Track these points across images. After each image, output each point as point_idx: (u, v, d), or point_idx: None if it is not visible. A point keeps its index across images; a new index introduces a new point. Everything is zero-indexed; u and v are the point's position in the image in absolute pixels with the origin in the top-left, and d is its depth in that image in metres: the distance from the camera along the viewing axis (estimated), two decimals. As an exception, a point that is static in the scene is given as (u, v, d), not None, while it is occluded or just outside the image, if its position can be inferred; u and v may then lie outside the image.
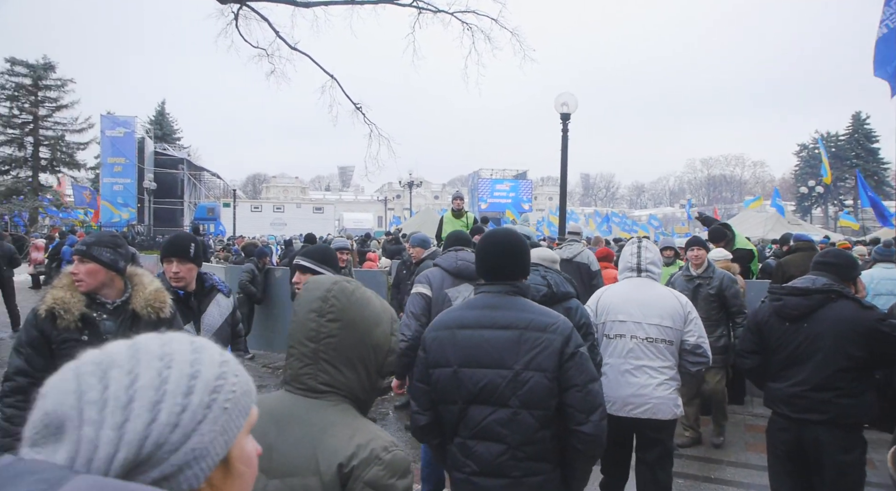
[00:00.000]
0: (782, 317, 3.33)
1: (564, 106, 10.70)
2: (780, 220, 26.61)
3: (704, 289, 5.49)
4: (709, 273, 5.56)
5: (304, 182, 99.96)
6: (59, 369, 0.74)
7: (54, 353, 2.58)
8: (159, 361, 0.73)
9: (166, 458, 0.69)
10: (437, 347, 2.34)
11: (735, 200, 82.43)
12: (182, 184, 44.11)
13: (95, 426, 0.67)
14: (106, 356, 0.73)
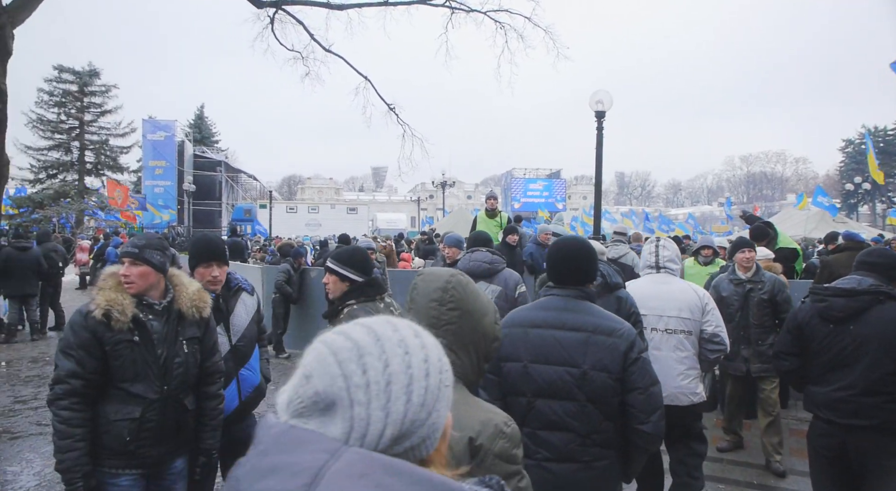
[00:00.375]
0: (826, 319, 3.20)
1: (599, 103, 10.56)
2: (825, 218, 25.76)
3: (756, 294, 5.12)
4: (759, 277, 5.19)
5: (339, 183, 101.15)
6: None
7: (108, 354, 2.61)
8: (399, 348, 0.84)
9: (416, 432, 0.81)
10: (509, 343, 2.47)
11: (776, 198, 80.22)
12: (220, 186, 45.09)
13: (365, 407, 0.78)
14: (354, 342, 0.84)
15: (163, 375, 2.73)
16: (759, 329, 5.12)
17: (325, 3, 14.41)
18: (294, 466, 0.71)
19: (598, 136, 10.74)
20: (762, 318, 5.11)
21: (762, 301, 5.10)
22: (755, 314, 5.10)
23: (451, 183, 45.13)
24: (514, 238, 7.77)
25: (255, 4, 14.06)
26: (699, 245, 7.32)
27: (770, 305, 5.11)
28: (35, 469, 5.08)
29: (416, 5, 14.78)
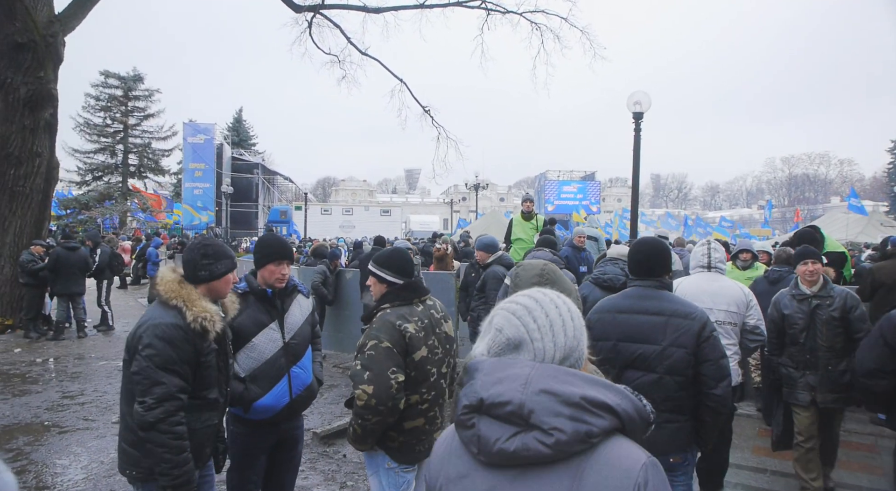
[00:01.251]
0: None
1: (637, 105, 10.41)
2: (871, 222, 24.88)
3: (825, 311, 4.44)
4: (827, 292, 4.49)
5: (372, 185, 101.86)
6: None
7: (199, 365, 2.69)
8: (552, 304, 1.35)
9: (572, 354, 1.32)
10: (600, 326, 3.09)
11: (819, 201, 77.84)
12: (256, 188, 45.91)
13: (541, 342, 1.30)
14: (523, 306, 1.35)
15: (226, 380, 2.90)
16: (829, 352, 4.44)
17: (362, 6, 14.57)
18: (511, 376, 1.24)
19: (636, 138, 10.58)
20: (833, 339, 4.42)
21: (832, 320, 4.41)
22: (824, 335, 4.43)
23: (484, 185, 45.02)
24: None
25: (293, 9, 14.30)
26: (738, 249, 7.13)
27: (842, 324, 4.41)
28: (82, 463, 5.24)
29: (452, 7, 14.83)
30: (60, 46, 11.54)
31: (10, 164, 11.14)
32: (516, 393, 1.21)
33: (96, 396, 7.34)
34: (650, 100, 10.60)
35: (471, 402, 1.27)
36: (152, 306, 2.77)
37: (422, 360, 2.89)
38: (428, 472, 1.43)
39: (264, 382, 3.17)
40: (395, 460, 2.97)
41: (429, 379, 2.94)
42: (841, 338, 4.41)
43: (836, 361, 4.42)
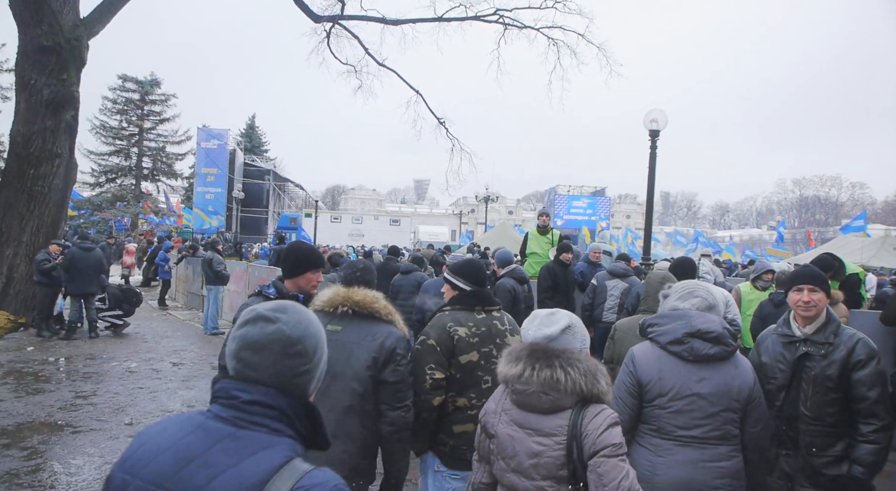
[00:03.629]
0: None
1: (654, 123, 10.40)
2: (885, 245, 24.69)
3: (816, 364, 3.06)
4: (826, 336, 3.07)
5: (381, 194, 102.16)
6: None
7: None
8: (707, 291, 2.86)
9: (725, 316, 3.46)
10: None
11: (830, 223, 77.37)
12: (267, 194, 46.06)
13: (718, 308, 2.84)
14: (705, 289, 2.90)
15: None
16: (815, 426, 3.07)
17: (380, 18, 14.70)
18: (712, 320, 2.73)
19: (651, 155, 10.56)
20: (821, 407, 3.05)
21: (824, 378, 3.03)
22: (810, 400, 3.08)
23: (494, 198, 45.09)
24: (569, 256, 7.69)
25: (312, 19, 14.45)
26: (759, 270, 7.09)
27: (839, 386, 3.01)
28: (96, 463, 5.24)
29: (469, 21, 14.93)
30: (84, 50, 11.70)
31: (30, 163, 11.25)
32: (717, 327, 2.68)
33: (109, 396, 7.35)
34: (667, 118, 10.59)
35: (689, 331, 2.69)
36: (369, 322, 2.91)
37: (469, 364, 3.00)
38: (640, 369, 2.75)
39: None
40: (444, 464, 3.06)
41: (479, 385, 3.05)
42: (835, 407, 3.03)
43: (825, 441, 3.05)
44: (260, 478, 1.19)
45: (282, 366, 1.36)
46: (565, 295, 7.60)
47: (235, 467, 1.21)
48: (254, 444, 1.26)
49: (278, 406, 1.32)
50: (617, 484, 1.96)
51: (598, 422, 2.04)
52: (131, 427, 6.25)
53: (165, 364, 9.33)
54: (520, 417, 2.16)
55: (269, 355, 1.35)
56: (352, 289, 2.97)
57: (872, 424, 2.93)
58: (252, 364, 1.35)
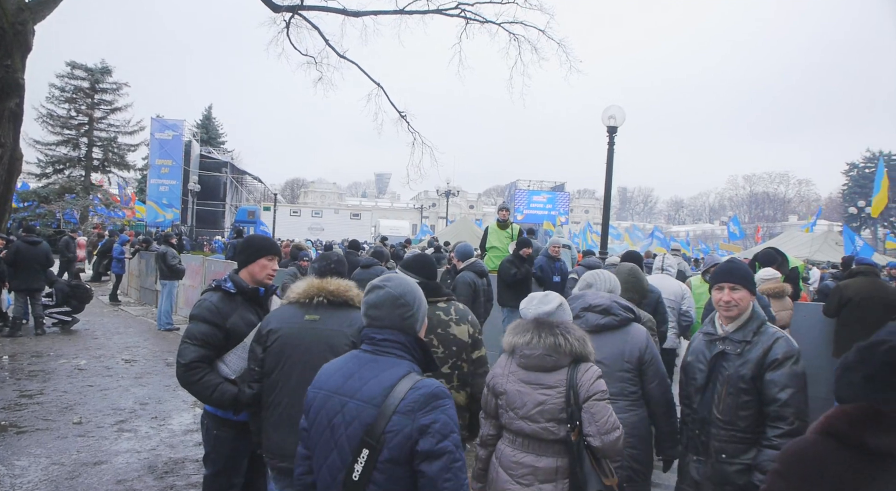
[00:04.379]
0: None
1: (612, 119, 10.61)
2: (827, 241, 25.78)
3: (731, 364, 2.92)
4: (745, 335, 2.93)
5: (341, 188, 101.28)
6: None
7: None
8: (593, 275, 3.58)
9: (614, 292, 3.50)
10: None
11: (778, 219, 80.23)
12: (224, 187, 45.11)
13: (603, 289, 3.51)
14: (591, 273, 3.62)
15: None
16: (727, 431, 2.90)
17: (341, 9, 14.52)
18: (600, 296, 3.37)
19: (609, 151, 10.76)
20: (733, 410, 2.89)
21: (737, 379, 2.88)
22: (722, 402, 2.92)
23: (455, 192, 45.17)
24: (528, 251, 7.78)
25: (271, 8, 14.16)
26: (709, 264, 7.32)
27: (753, 389, 2.84)
28: (42, 464, 5.07)
29: (431, 14, 14.89)
30: (30, 35, 11.18)
31: (-30, 153, 10.71)
32: (606, 301, 3.28)
33: (56, 395, 7.11)
34: (624, 115, 10.81)
35: (583, 306, 3.30)
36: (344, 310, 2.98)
37: None
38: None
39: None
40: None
41: None
42: (748, 411, 2.85)
43: (736, 447, 2.87)
44: (392, 382, 1.95)
45: (394, 315, 2.09)
46: (525, 289, 7.69)
47: (377, 377, 1.99)
48: (386, 364, 2.02)
49: (399, 341, 2.07)
50: (605, 419, 2.59)
51: (589, 375, 2.65)
52: (80, 426, 6.06)
53: (117, 361, 9.07)
54: (526, 376, 2.73)
55: (385, 309, 2.09)
56: (325, 279, 3.03)
57: (779, 427, 2.72)
58: (376, 317, 2.09)
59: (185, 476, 4.99)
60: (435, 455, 1.85)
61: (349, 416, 1.95)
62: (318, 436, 2.02)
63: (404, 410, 1.88)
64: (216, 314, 3.13)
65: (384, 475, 1.87)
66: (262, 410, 2.98)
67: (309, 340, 2.88)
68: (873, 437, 1.49)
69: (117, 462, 5.21)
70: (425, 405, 1.89)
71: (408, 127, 15.88)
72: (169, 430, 6.14)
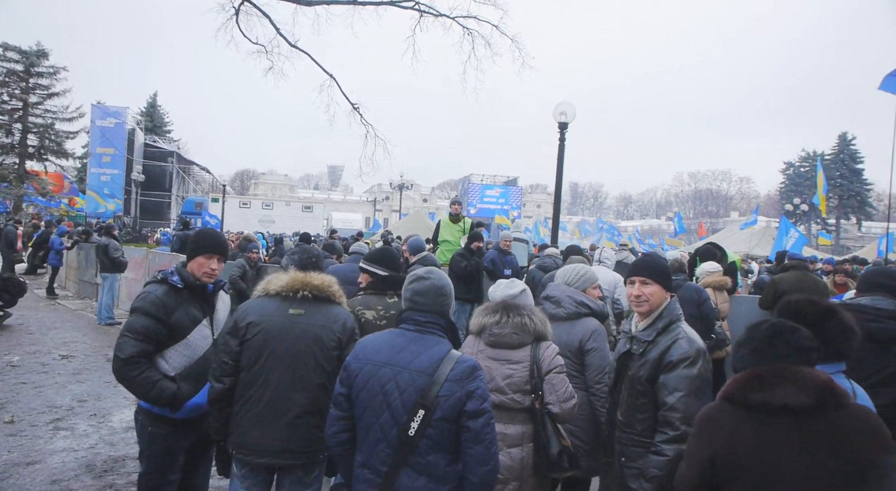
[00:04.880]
0: (874, 339, 3.24)
1: (563, 115, 10.77)
2: (765, 236, 26.90)
3: (634, 364, 2.85)
4: (649, 334, 2.82)
5: (293, 180, 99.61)
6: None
7: None
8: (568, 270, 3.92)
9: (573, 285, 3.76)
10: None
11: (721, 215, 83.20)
12: (171, 177, 43.73)
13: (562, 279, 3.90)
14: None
15: None
16: (626, 432, 2.85)
17: (293, -3, 14.25)
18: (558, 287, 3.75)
19: (560, 147, 10.94)
20: (632, 412, 2.83)
21: (636, 380, 2.81)
22: (624, 402, 2.89)
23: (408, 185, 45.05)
24: (479, 244, 7.85)
25: (219, -6, 13.78)
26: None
27: (649, 388, 2.75)
28: (-29, 465, 4.83)
29: (385, 6, 14.78)
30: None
31: None
32: (559, 293, 3.64)
33: (-13, 393, 6.77)
34: (575, 111, 10.99)
35: (543, 296, 3.74)
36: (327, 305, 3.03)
37: None
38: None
39: (196, 381, 3.10)
40: None
41: None
42: (645, 414, 2.77)
43: (634, 451, 2.78)
44: (440, 356, 2.37)
45: (436, 302, 2.53)
46: (475, 282, 7.76)
47: (427, 351, 2.39)
48: (432, 341, 2.44)
49: (439, 323, 2.50)
50: (564, 389, 3.00)
51: (549, 351, 3.06)
52: (12, 425, 5.80)
53: (53, 357, 8.70)
54: (493, 353, 3.10)
55: (429, 297, 2.52)
56: (309, 273, 3.04)
57: (665, 433, 2.62)
58: (421, 302, 2.51)
59: (125, 474, 4.85)
60: (479, 413, 2.31)
61: (403, 383, 2.33)
62: (368, 400, 2.37)
63: (454, 378, 2.31)
64: (160, 308, 3.04)
65: (436, 430, 2.28)
66: (236, 404, 2.91)
67: (294, 335, 2.88)
68: (754, 395, 1.89)
69: (52, 461, 5.02)
70: (470, 375, 2.34)
71: (360, 119, 15.75)
72: (109, 427, 5.94)
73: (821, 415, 1.83)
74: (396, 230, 23.73)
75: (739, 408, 1.93)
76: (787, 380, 1.87)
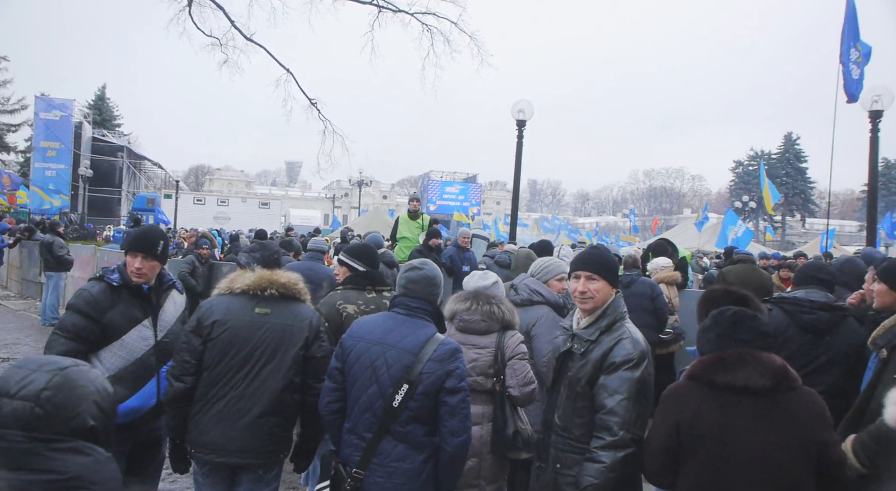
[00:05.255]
0: (807, 330, 3.42)
1: (521, 113, 10.89)
2: (716, 233, 27.74)
3: (574, 364, 2.67)
4: (593, 333, 2.63)
5: (250, 176, 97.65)
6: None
7: None
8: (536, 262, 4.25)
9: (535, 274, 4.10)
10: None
11: (674, 212, 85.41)
12: (121, 172, 42.39)
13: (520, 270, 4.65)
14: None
15: None
16: (563, 437, 2.66)
17: (247, -11, 13.94)
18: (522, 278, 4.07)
19: (518, 144, 11.07)
20: (570, 415, 2.64)
21: (575, 382, 2.63)
22: (562, 405, 2.69)
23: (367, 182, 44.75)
24: (438, 241, 7.87)
25: (171, -16, 13.37)
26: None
27: (588, 390, 2.57)
28: None
29: (343, 1, 14.61)
30: None
31: None
32: (518, 282, 3.99)
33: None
34: (533, 109, 11.12)
35: (511, 285, 4.00)
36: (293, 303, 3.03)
37: None
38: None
39: (131, 383, 2.99)
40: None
41: None
42: (583, 418, 2.59)
43: (570, 457, 2.59)
44: (426, 338, 2.64)
45: (426, 290, 2.77)
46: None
47: (414, 333, 2.65)
48: (419, 324, 2.70)
49: (427, 309, 2.75)
50: (524, 375, 3.21)
51: (514, 340, 3.28)
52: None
53: (-6, 360, 8.33)
54: (462, 337, 3.25)
55: (421, 285, 2.76)
56: (275, 272, 3.01)
57: (602, 438, 2.44)
58: (413, 290, 2.76)
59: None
60: (457, 391, 2.58)
61: (391, 360, 2.60)
62: (359, 373, 2.66)
63: (437, 358, 2.58)
64: (93, 306, 2.94)
65: (417, 403, 2.55)
66: (196, 403, 2.84)
67: (262, 334, 2.86)
68: (719, 375, 2.15)
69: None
70: (451, 356, 2.61)
71: (318, 115, 15.48)
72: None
73: (775, 396, 2.11)
74: (356, 227, 23.51)
75: (704, 387, 2.19)
76: (748, 363, 2.13)
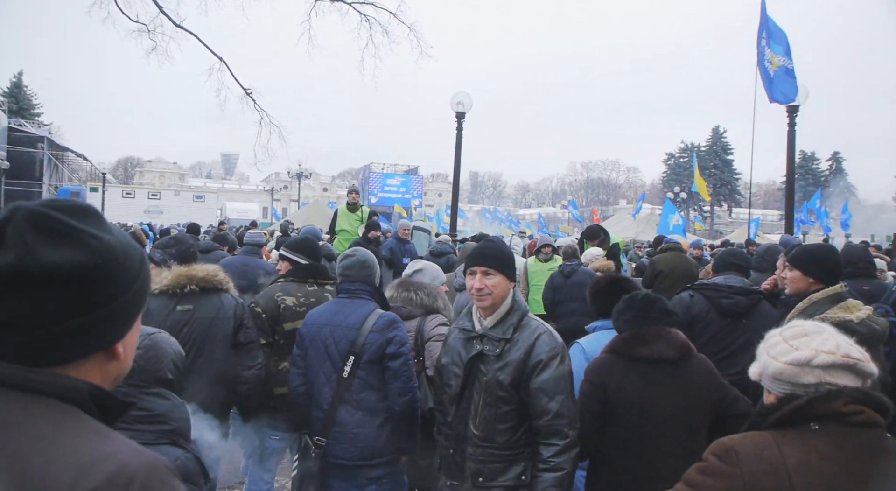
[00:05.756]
0: (726, 314, 3.67)
1: (460, 105, 10.98)
2: (650, 222, 28.87)
3: (490, 368, 2.42)
4: (505, 331, 2.44)
5: (183, 168, 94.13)
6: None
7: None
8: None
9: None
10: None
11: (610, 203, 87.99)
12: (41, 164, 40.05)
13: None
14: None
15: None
16: (484, 447, 2.40)
17: (175, -26, 13.41)
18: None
19: (458, 136, 11.16)
20: (492, 423, 2.40)
21: (496, 386, 2.39)
22: (480, 413, 2.42)
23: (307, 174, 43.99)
24: (376, 233, 7.87)
25: (92, -34, 12.71)
26: (539, 244, 7.94)
27: (513, 394, 2.38)
28: None
29: (277, -12, 14.27)
30: None
31: None
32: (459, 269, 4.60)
33: None
34: (472, 101, 11.24)
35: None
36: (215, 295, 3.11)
37: (294, 331, 3.30)
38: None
39: None
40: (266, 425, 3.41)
41: None
42: (507, 424, 2.39)
43: (494, 468, 2.38)
44: (366, 314, 2.92)
45: (362, 273, 3.04)
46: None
47: (355, 312, 2.94)
48: (360, 304, 2.97)
49: (366, 290, 3.02)
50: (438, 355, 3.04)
51: (433, 323, 3.41)
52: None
53: None
54: None
55: (355, 269, 3.03)
56: (191, 266, 3.03)
57: (555, 444, 2.29)
58: (350, 275, 3.03)
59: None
60: (397, 356, 2.86)
61: (338, 337, 2.90)
62: (314, 355, 2.95)
63: (377, 329, 2.88)
64: None
65: (365, 371, 2.87)
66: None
67: (187, 331, 2.89)
68: (639, 349, 2.52)
69: None
70: (389, 326, 2.90)
71: (254, 105, 15.10)
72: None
73: (680, 364, 2.52)
74: (296, 220, 23.16)
75: (624, 359, 2.55)
76: (662, 338, 2.52)
